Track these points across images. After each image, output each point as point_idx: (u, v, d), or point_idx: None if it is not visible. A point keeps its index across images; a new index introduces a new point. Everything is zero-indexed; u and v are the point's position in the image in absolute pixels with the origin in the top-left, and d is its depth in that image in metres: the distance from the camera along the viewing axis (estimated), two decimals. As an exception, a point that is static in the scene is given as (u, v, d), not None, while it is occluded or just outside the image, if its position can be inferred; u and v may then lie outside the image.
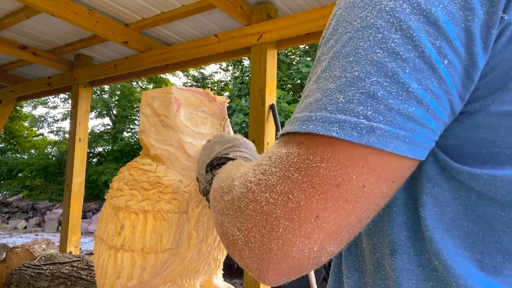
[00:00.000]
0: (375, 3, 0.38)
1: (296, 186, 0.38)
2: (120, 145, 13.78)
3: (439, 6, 0.36)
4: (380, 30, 0.37)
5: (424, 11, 0.36)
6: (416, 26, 0.36)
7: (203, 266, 1.07)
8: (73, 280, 1.75)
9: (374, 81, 0.36)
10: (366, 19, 0.39)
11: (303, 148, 0.39)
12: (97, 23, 2.82)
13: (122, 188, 0.98)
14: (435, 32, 0.36)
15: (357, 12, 0.40)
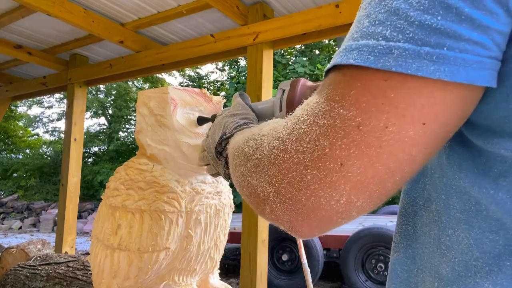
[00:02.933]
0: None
1: (323, 132, 0.35)
2: (115, 145, 13.75)
3: None
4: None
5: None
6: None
7: (200, 265, 1.08)
8: (69, 280, 1.74)
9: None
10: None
11: (330, 88, 0.35)
12: (92, 23, 2.81)
13: (119, 188, 0.98)
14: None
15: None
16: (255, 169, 0.45)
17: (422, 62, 0.30)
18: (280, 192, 0.39)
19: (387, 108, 0.32)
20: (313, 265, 4.60)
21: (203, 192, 1.02)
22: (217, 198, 1.07)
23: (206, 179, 1.05)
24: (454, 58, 0.30)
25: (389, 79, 0.32)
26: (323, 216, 0.37)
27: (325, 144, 0.35)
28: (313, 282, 2.72)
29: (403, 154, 0.33)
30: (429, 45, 0.30)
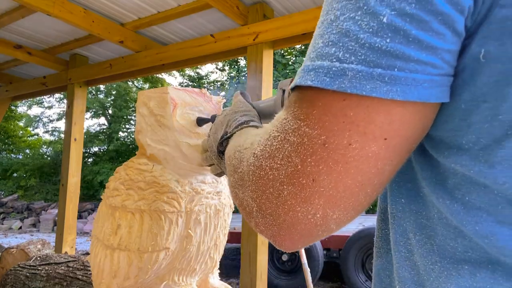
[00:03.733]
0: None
1: (293, 149, 0.36)
2: (115, 145, 13.74)
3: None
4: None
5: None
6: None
7: (200, 265, 1.08)
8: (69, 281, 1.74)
9: (347, 17, 0.33)
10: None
11: (296, 107, 0.37)
12: (92, 23, 2.81)
13: (119, 188, 0.98)
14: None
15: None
16: (240, 182, 0.46)
17: (375, 83, 0.31)
18: (261, 208, 0.40)
19: (349, 127, 0.33)
20: (313, 265, 4.60)
21: (202, 192, 1.02)
22: (217, 198, 1.07)
23: (206, 179, 1.05)
24: (405, 79, 0.31)
25: (347, 99, 0.33)
26: (303, 229, 0.38)
27: (296, 161, 0.36)
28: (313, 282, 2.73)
29: (369, 168, 0.35)
30: (381, 66, 0.31)
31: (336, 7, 0.34)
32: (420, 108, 0.33)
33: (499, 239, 0.34)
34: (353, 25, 0.32)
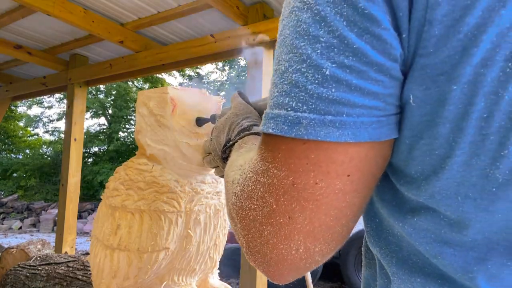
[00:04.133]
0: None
1: (266, 190, 0.38)
2: (115, 145, 13.74)
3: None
4: (296, 13, 0.36)
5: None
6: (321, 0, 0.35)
7: (200, 265, 1.08)
8: (69, 281, 1.74)
9: (294, 69, 0.36)
10: (289, 4, 0.38)
11: (263, 149, 0.39)
12: (92, 23, 2.81)
13: (118, 188, 0.98)
14: (341, 1, 0.34)
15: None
16: (231, 218, 0.48)
17: (328, 129, 0.34)
18: (249, 246, 0.42)
19: (312, 167, 0.36)
20: (313, 265, 4.60)
21: (202, 192, 1.02)
22: (217, 198, 1.07)
23: (205, 179, 1.05)
24: (354, 123, 0.34)
25: (307, 143, 0.35)
26: (289, 265, 0.40)
27: (271, 201, 0.38)
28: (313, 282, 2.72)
29: (339, 202, 0.37)
30: (331, 114, 0.34)
31: (285, 59, 0.37)
32: (374, 145, 0.36)
33: (445, 258, 0.37)
34: (301, 77, 0.35)
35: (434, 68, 0.32)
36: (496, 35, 0.30)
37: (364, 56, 0.33)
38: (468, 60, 0.31)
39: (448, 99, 0.32)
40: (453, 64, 0.32)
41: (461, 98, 0.32)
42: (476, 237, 0.35)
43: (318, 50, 0.34)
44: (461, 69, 0.31)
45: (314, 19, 0.35)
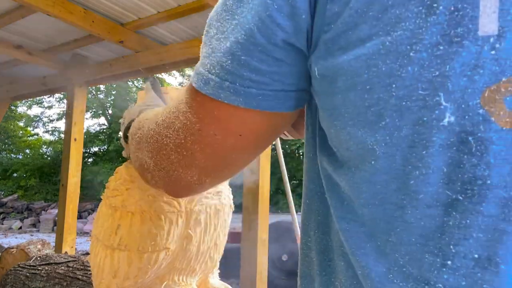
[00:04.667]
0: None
1: (180, 127, 0.46)
2: (115, 145, 13.74)
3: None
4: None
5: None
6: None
7: (200, 265, 1.08)
8: (69, 281, 1.75)
9: (216, 37, 0.41)
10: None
11: (186, 94, 0.46)
12: (92, 23, 2.81)
13: (119, 188, 0.98)
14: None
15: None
16: (138, 146, 0.58)
17: (226, 93, 0.40)
18: (157, 164, 0.52)
19: (214, 121, 0.43)
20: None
21: (202, 192, 1.03)
22: (217, 198, 1.07)
23: (206, 179, 1.05)
24: (244, 92, 0.40)
25: (214, 101, 0.42)
26: (184, 185, 0.51)
27: (181, 136, 0.46)
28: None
29: (231, 153, 0.45)
30: (228, 80, 0.40)
31: (215, 25, 0.42)
32: (266, 114, 0.42)
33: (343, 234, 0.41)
34: (217, 45, 0.41)
35: (332, 41, 0.36)
36: (378, 11, 0.33)
37: (252, 37, 0.38)
38: (357, 34, 0.34)
39: (340, 70, 0.35)
40: (346, 37, 0.35)
41: (349, 70, 0.35)
42: (363, 211, 0.37)
43: (232, 26, 0.39)
44: (351, 42, 0.34)
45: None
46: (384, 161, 0.34)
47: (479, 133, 0.31)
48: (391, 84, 0.33)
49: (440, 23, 0.31)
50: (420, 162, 0.33)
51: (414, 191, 0.33)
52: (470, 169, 0.31)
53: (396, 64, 0.32)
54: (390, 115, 0.33)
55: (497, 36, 0.30)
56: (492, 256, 0.31)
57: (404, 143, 0.33)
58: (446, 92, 0.31)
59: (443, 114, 0.31)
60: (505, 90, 0.30)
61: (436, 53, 0.31)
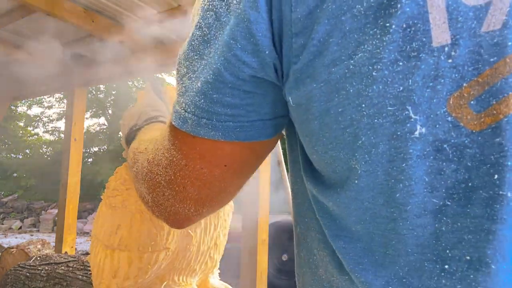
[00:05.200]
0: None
1: (168, 164, 0.48)
2: (115, 145, 13.73)
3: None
4: (195, 24, 0.43)
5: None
6: (198, 14, 0.41)
7: (200, 265, 1.08)
8: (69, 281, 1.74)
9: (188, 76, 0.43)
10: (193, 11, 0.45)
11: (169, 131, 0.47)
12: (92, 23, 2.81)
13: (119, 188, 0.98)
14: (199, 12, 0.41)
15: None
16: (136, 178, 0.60)
17: (205, 129, 0.42)
18: (154, 200, 0.53)
19: (198, 156, 0.44)
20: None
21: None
22: (217, 198, 1.07)
23: (206, 179, 1.05)
24: (222, 126, 0.41)
25: (194, 137, 0.43)
26: (183, 217, 0.52)
27: (171, 172, 0.48)
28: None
29: (220, 183, 0.47)
30: (205, 118, 0.41)
31: (184, 64, 0.43)
32: (245, 144, 0.43)
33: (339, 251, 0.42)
34: (189, 84, 0.42)
35: (301, 71, 0.37)
36: (338, 38, 0.34)
37: (220, 76, 0.39)
38: (322, 61, 0.35)
39: (312, 97, 0.37)
40: (314, 66, 0.36)
41: (321, 96, 0.36)
42: (357, 228, 0.38)
43: (201, 66, 0.40)
44: (318, 70, 0.36)
45: (203, 39, 0.40)
46: (367, 179, 0.35)
47: (452, 139, 0.32)
48: (360, 104, 0.34)
49: (395, 41, 0.32)
50: (401, 175, 0.33)
51: (401, 203, 0.34)
52: (451, 175, 0.32)
53: (362, 84, 0.34)
54: (365, 133, 0.34)
55: (451, 44, 0.31)
56: (482, 257, 0.32)
57: (383, 159, 0.34)
58: (413, 105, 0.32)
59: (415, 126, 0.32)
60: (468, 94, 0.31)
61: (397, 70, 0.32)
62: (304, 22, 0.35)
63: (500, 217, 0.31)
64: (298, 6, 0.35)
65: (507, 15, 0.30)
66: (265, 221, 2.48)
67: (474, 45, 0.31)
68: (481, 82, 0.31)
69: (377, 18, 0.32)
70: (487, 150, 0.31)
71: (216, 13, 0.39)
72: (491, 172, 0.31)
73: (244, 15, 0.37)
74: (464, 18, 0.31)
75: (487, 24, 0.31)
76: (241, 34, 0.37)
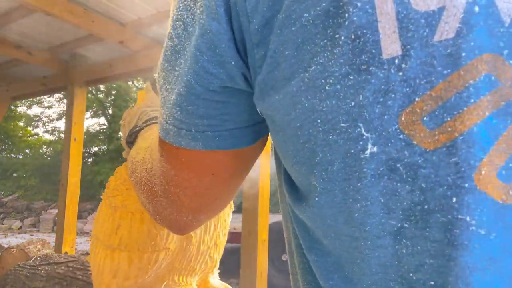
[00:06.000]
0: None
1: (161, 173, 0.48)
2: (116, 145, 13.72)
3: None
4: (168, 34, 0.43)
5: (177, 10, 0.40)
6: (170, 27, 0.41)
7: (200, 265, 1.08)
8: (69, 281, 1.75)
9: (162, 85, 0.43)
10: (168, 21, 0.45)
11: (158, 143, 0.47)
12: (92, 23, 2.81)
13: (119, 188, 0.98)
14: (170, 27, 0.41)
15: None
16: (135, 187, 0.60)
17: (186, 140, 0.41)
18: (154, 209, 0.54)
19: (185, 166, 0.44)
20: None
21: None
22: (217, 198, 1.07)
23: (206, 179, 1.05)
24: (201, 136, 0.41)
25: (179, 148, 0.43)
26: (183, 225, 0.52)
27: (164, 182, 0.48)
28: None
29: (211, 191, 0.47)
30: (184, 129, 0.41)
31: (161, 75, 0.44)
32: (228, 152, 0.43)
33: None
34: (166, 95, 0.42)
35: (264, 83, 0.36)
36: (293, 50, 0.33)
37: (191, 88, 0.38)
38: (281, 73, 0.34)
39: (275, 110, 0.36)
40: (274, 78, 0.35)
41: (281, 108, 0.35)
42: (326, 242, 0.37)
43: (174, 77, 0.40)
44: (279, 82, 0.35)
45: (174, 49, 0.40)
46: (326, 196, 0.34)
47: (405, 158, 0.30)
48: (316, 120, 0.32)
49: (345, 53, 0.30)
50: (358, 194, 0.32)
51: (361, 223, 0.32)
52: (406, 196, 0.30)
53: (316, 99, 0.32)
54: (321, 150, 0.33)
55: (401, 56, 0.29)
56: (445, 284, 0.30)
57: (339, 177, 0.32)
58: (364, 122, 0.30)
59: (366, 144, 0.30)
60: (421, 110, 0.29)
61: (348, 84, 0.30)
62: (262, 33, 0.34)
63: (461, 242, 0.29)
64: (254, 17, 0.34)
65: (461, 22, 0.28)
66: (265, 221, 2.48)
67: (426, 56, 0.28)
68: (434, 96, 0.29)
69: (326, 28, 0.30)
70: (442, 171, 0.29)
71: (184, 23, 0.38)
72: (448, 195, 0.29)
73: (207, 26, 0.35)
74: (415, 26, 0.28)
75: (440, 33, 0.28)
76: (206, 45, 0.36)
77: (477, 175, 0.28)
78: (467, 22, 0.28)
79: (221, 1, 0.35)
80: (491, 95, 0.28)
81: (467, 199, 0.28)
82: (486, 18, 0.28)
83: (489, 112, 0.28)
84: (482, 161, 0.28)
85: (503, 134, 0.28)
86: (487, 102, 0.28)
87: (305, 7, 0.31)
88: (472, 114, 0.28)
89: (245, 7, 0.34)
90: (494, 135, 0.28)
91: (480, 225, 0.28)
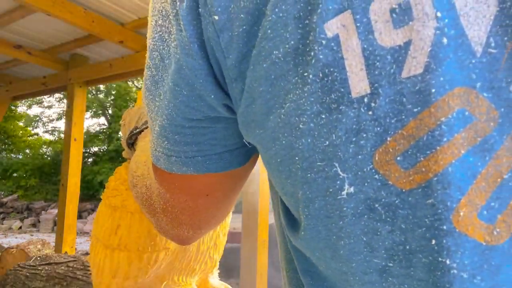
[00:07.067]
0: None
1: (158, 194, 0.49)
2: (115, 145, 13.73)
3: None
4: (147, 63, 0.41)
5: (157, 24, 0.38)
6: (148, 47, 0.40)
7: (200, 265, 1.08)
8: (69, 281, 1.75)
9: (148, 113, 0.43)
10: (148, 39, 0.43)
11: (152, 165, 0.47)
12: (92, 23, 2.81)
13: (118, 188, 0.98)
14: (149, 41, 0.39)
15: None
16: (137, 200, 0.61)
17: (177, 165, 0.42)
18: (156, 224, 0.55)
19: (179, 190, 0.45)
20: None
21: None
22: (217, 198, 1.07)
23: (205, 179, 1.05)
24: (192, 161, 0.41)
25: (171, 173, 0.43)
26: (184, 239, 0.54)
27: (161, 202, 0.49)
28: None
29: (207, 210, 0.48)
30: (173, 155, 0.41)
31: (145, 102, 0.43)
32: (220, 174, 0.43)
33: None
34: (151, 124, 0.42)
35: (245, 115, 0.35)
36: (267, 86, 0.32)
37: (174, 120, 0.38)
38: (258, 109, 0.34)
39: (257, 144, 0.36)
40: (253, 112, 0.34)
41: (263, 144, 0.35)
42: (320, 267, 0.36)
43: (156, 108, 0.40)
44: (258, 116, 0.34)
45: (153, 79, 0.39)
46: (311, 232, 0.33)
47: (383, 198, 0.29)
48: (294, 157, 0.31)
49: (315, 92, 0.29)
50: (341, 232, 0.31)
51: (347, 259, 0.31)
52: (387, 236, 0.29)
53: (292, 136, 0.31)
54: (301, 187, 0.32)
55: (370, 94, 0.28)
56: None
57: (321, 214, 0.31)
58: (340, 161, 0.29)
59: (343, 184, 0.29)
60: (394, 149, 0.28)
61: (321, 123, 0.29)
62: (239, 68, 0.33)
63: (443, 285, 0.28)
64: (230, 53, 0.32)
65: (429, 56, 0.26)
66: (265, 221, 2.48)
67: (395, 94, 0.27)
68: (406, 135, 0.27)
69: (296, 65, 0.29)
70: (419, 212, 0.28)
71: (160, 54, 0.37)
72: (427, 237, 0.28)
73: (182, 62, 0.34)
74: (382, 63, 0.27)
75: (407, 68, 0.27)
76: (183, 81, 0.35)
77: (456, 217, 0.27)
78: (435, 55, 0.26)
79: (194, 37, 0.33)
80: (465, 131, 0.26)
81: (445, 241, 0.27)
82: (456, 49, 0.26)
83: (465, 150, 0.26)
84: (460, 202, 0.27)
85: (481, 172, 0.26)
86: (462, 139, 0.26)
87: (274, 44, 0.30)
88: (447, 153, 0.26)
89: (219, 43, 0.33)
90: (471, 174, 0.26)
91: (462, 268, 0.27)
